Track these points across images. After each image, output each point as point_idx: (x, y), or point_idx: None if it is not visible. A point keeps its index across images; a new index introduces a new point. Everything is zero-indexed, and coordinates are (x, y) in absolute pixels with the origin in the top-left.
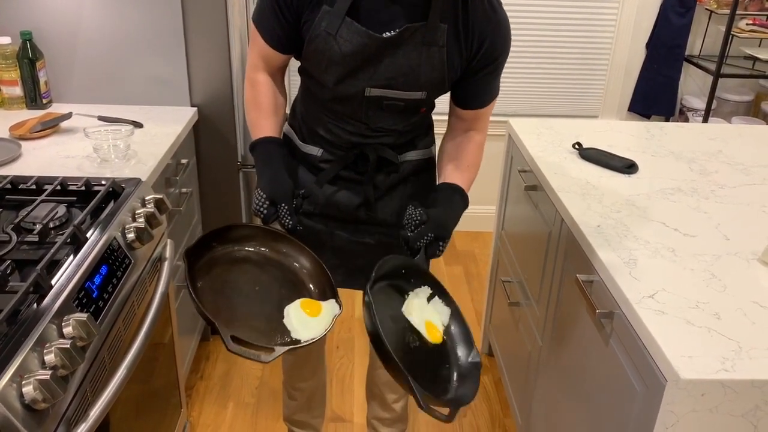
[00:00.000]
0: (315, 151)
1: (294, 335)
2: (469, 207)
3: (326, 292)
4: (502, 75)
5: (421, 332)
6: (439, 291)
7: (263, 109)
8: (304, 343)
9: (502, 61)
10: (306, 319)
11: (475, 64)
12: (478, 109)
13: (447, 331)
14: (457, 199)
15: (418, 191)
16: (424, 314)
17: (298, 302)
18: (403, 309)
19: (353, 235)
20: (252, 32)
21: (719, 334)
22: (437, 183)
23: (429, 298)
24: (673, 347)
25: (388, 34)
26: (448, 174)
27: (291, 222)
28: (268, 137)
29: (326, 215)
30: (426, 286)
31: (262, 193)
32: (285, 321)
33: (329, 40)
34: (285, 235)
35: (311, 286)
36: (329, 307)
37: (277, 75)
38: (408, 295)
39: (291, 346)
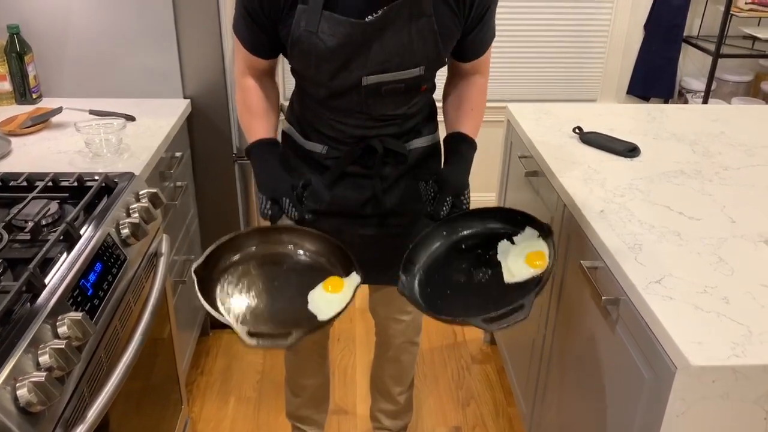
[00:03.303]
0: (318, 148)
1: (321, 317)
2: (469, 194)
3: (344, 267)
4: (498, 60)
5: (532, 274)
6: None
7: (254, 112)
8: (325, 321)
9: (494, 5)
10: (329, 298)
11: (470, 23)
12: (478, 59)
13: None
14: (465, 147)
15: (424, 177)
16: (520, 258)
17: (320, 285)
18: (506, 280)
19: (360, 230)
20: (234, 39)
21: (729, 319)
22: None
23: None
24: (682, 333)
25: (371, 17)
26: (453, 121)
27: (297, 213)
28: (261, 140)
29: (332, 213)
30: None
31: (262, 195)
32: (310, 307)
33: (312, 38)
34: (290, 227)
35: (328, 265)
36: (350, 281)
37: (265, 78)
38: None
39: (309, 328)
